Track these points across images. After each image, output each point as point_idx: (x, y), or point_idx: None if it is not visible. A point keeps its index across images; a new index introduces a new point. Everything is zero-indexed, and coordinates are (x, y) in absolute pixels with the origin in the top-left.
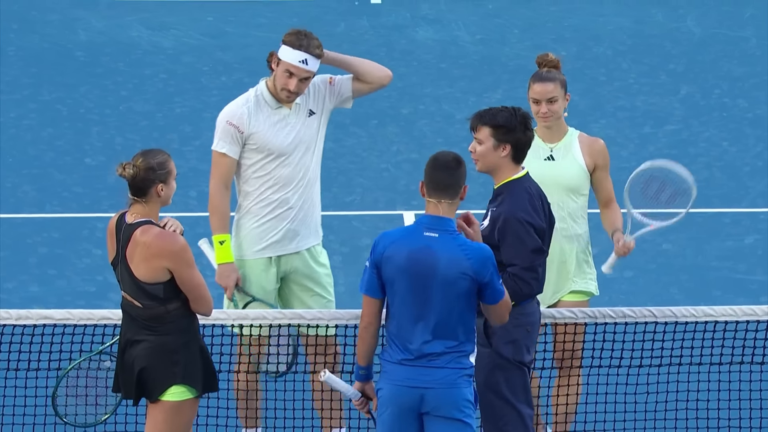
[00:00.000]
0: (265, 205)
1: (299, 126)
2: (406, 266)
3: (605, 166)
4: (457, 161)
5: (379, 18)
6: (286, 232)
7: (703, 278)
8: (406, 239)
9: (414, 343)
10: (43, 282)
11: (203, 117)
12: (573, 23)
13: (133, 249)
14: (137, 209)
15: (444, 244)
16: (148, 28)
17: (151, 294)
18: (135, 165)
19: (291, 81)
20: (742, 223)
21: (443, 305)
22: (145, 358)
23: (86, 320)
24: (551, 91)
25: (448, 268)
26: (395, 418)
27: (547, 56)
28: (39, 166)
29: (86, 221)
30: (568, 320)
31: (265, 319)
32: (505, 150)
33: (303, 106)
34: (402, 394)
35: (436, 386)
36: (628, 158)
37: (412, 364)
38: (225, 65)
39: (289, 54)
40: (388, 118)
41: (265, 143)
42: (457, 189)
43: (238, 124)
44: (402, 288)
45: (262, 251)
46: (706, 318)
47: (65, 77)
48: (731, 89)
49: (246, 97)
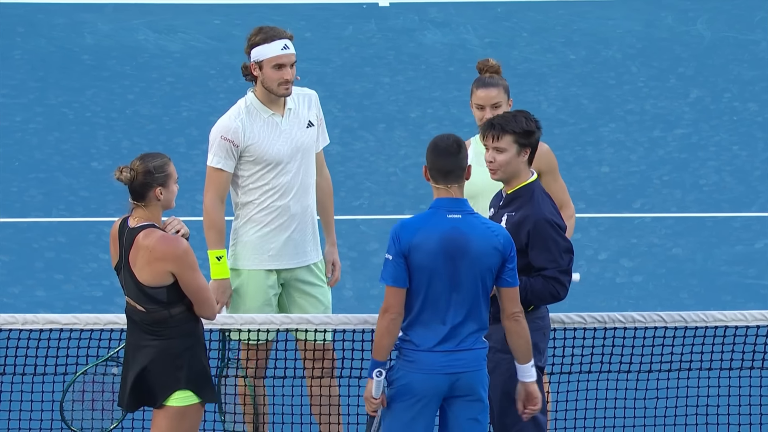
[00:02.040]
0: (266, 213)
1: (295, 131)
2: (440, 250)
3: (550, 170)
4: (458, 144)
5: (387, 21)
6: (287, 241)
7: (713, 283)
8: (432, 224)
9: (447, 325)
10: (50, 287)
11: (210, 120)
12: (582, 26)
13: (135, 253)
14: (139, 213)
15: (470, 224)
16: (155, 32)
17: (154, 298)
18: (132, 168)
19: (285, 71)
20: (752, 227)
21: (474, 284)
22: (149, 363)
23: (93, 325)
24: (495, 97)
25: (480, 244)
26: (423, 406)
27: (487, 62)
28: (45, 170)
29: (93, 225)
30: (577, 325)
31: (272, 324)
32: (525, 154)
33: (296, 112)
34: (435, 382)
35: (468, 369)
36: (637, 162)
37: (444, 350)
38: (232, 69)
39: (267, 50)
40: (396, 121)
41: (262, 154)
42: (462, 171)
43: (233, 138)
44: (436, 272)
45: (262, 263)
46: (716, 323)
47: (71, 81)
48: (741, 93)
49: (237, 110)
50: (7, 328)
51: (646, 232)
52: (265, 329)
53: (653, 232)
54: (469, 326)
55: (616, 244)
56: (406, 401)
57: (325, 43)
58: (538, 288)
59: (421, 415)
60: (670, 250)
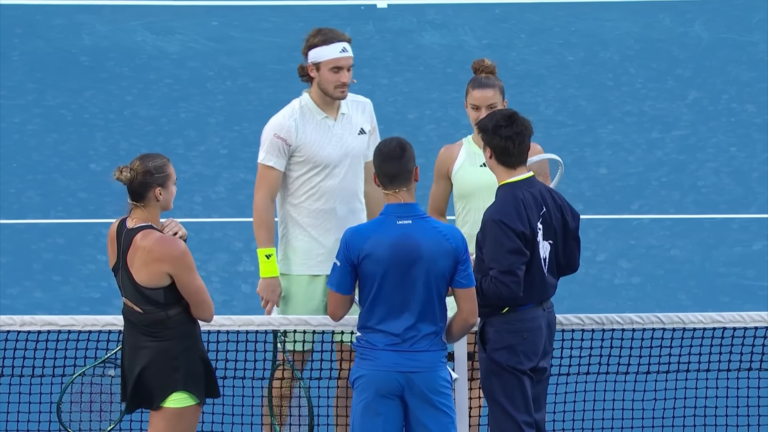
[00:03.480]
0: (313, 217)
1: (346, 136)
2: (390, 257)
3: (541, 173)
4: (401, 147)
5: (385, 22)
6: (334, 244)
7: (711, 284)
8: (382, 232)
9: (399, 329)
10: (48, 288)
11: (208, 122)
12: (580, 28)
13: (133, 254)
14: (137, 214)
15: (421, 229)
16: (153, 33)
17: (151, 299)
18: (132, 169)
19: (342, 74)
20: (750, 229)
21: (426, 288)
22: (146, 365)
23: (91, 326)
24: (491, 97)
25: (430, 250)
26: (379, 402)
27: (483, 62)
28: (43, 171)
29: (91, 227)
30: (575, 326)
31: (270, 326)
32: (488, 153)
33: (349, 117)
34: (387, 379)
35: (421, 369)
36: (635, 163)
37: (397, 349)
38: (230, 70)
39: (326, 52)
40: (394, 123)
41: (312, 155)
42: (408, 175)
43: (286, 137)
44: (387, 279)
45: (310, 267)
46: (714, 324)
47: (69, 82)
48: (739, 94)
49: (291, 109)
50: (5, 329)
51: (644, 234)
52: (302, 330)
53: (651, 234)
54: (424, 328)
55: (614, 245)
56: (363, 395)
57: None
58: (484, 287)
59: (380, 412)
60: (668, 252)
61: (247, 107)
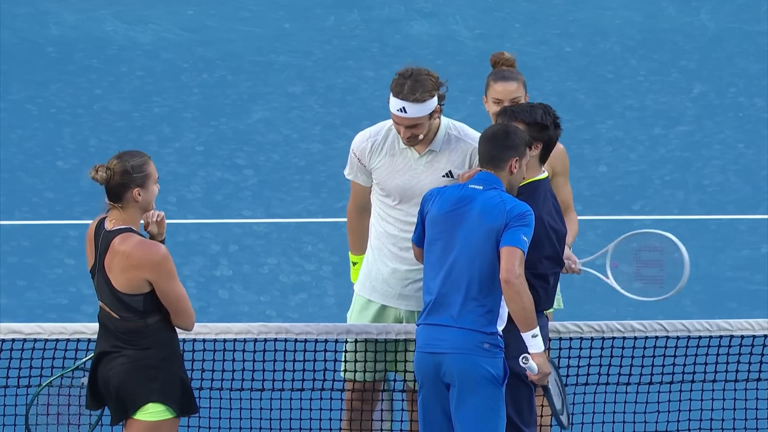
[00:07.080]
0: (380, 240)
1: (425, 174)
2: (443, 215)
3: (564, 171)
4: (505, 132)
5: (371, 11)
6: (392, 272)
7: (718, 289)
8: (452, 190)
9: (433, 294)
10: (12, 294)
11: (183, 117)
12: (578, 17)
13: (111, 258)
14: (115, 215)
15: (484, 194)
16: (124, 23)
17: (130, 306)
18: (109, 168)
19: (401, 130)
20: (758, 230)
21: (464, 248)
22: (121, 373)
23: (58, 335)
24: (515, 91)
25: (482, 210)
26: (426, 390)
27: (502, 54)
28: (7, 169)
29: (58, 228)
30: (574, 334)
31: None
32: (536, 149)
33: (439, 156)
34: (424, 362)
35: (449, 351)
36: (637, 161)
37: (428, 323)
38: (206, 62)
39: (390, 102)
40: (381, 117)
41: (380, 181)
42: (499, 162)
43: (360, 156)
44: (433, 235)
45: (364, 289)
46: (720, 332)
47: (35, 74)
48: (747, 87)
49: (378, 128)
50: None
51: None
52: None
53: None
54: (464, 301)
55: None
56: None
57: (305, 35)
58: None
59: (427, 400)
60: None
61: (225, 101)
